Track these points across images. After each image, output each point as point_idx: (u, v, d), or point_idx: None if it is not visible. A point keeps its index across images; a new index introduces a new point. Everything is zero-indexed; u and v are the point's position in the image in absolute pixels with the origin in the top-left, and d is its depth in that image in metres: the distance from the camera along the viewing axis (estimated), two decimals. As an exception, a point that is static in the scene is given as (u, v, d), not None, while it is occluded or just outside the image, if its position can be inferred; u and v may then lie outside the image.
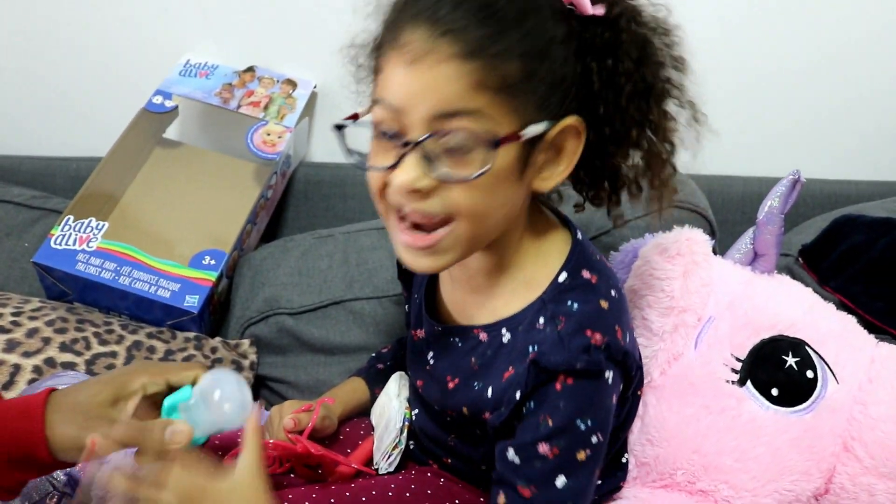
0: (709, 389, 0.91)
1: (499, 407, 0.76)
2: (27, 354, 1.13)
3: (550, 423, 0.72)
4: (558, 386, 0.72)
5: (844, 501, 0.90)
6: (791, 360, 0.91)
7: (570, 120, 0.73)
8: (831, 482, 0.91)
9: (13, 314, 1.19)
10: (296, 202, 1.48)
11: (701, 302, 0.94)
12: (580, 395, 0.73)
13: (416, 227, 0.72)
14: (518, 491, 0.73)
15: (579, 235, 0.82)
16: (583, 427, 0.73)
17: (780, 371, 0.91)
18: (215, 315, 1.27)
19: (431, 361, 0.87)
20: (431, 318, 0.88)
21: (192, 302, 1.18)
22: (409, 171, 0.69)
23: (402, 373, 0.99)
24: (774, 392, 0.90)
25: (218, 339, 1.22)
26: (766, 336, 0.93)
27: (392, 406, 0.94)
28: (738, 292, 0.96)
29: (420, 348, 0.91)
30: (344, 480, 0.89)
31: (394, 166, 0.70)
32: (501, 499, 0.75)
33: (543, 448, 0.72)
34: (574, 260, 0.79)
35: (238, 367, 1.18)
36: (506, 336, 0.79)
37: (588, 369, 0.72)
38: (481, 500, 0.88)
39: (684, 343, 0.93)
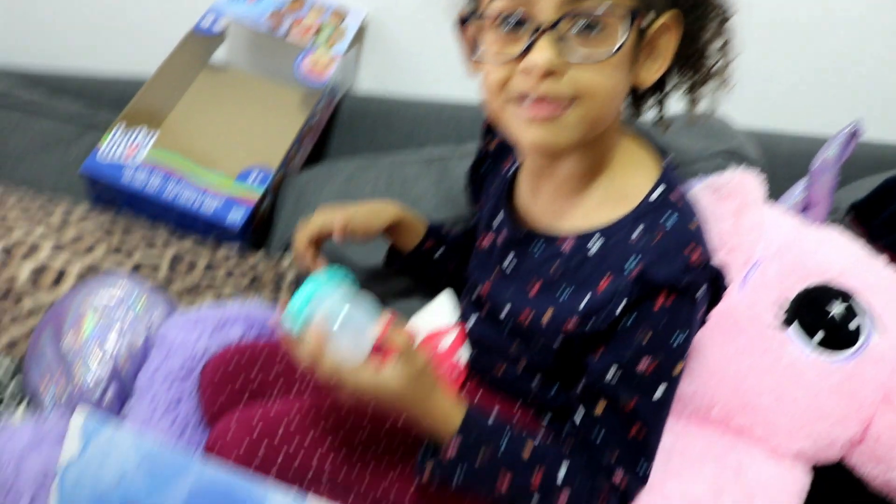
0: (752, 330, 0.90)
1: (592, 317, 0.78)
2: (74, 257, 1.15)
3: (648, 339, 0.75)
4: (659, 303, 0.75)
5: (879, 451, 0.90)
6: (837, 308, 0.90)
7: (670, 13, 0.77)
8: (868, 431, 0.90)
9: (61, 218, 1.20)
10: (340, 132, 1.48)
11: (750, 244, 0.93)
12: (678, 312, 0.76)
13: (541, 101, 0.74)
14: (619, 404, 0.77)
15: (669, 158, 0.84)
16: (676, 343, 0.76)
17: (825, 318, 0.90)
18: (258, 232, 1.28)
19: (511, 265, 0.87)
20: (514, 223, 0.88)
21: (236, 218, 1.19)
22: (545, 52, 0.71)
23: (451, 291, 0.99)
24: (818, 338, 0.90)
25: (260, 254, 1.23)
26: (814, 282, 0.92)
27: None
28: (787, 237, 0.95)
29: (489, 253, 0.91)
30: None
31: (527, 50, 0.72)
32: (599, 409, 0.78)
33: (643, 364, 0.76)
34: (667, 179, 0.81)
35: (278, 285, 1.19)
36: (595, 246, 0.80)
37: (689, 287, 0.75)
38: (515, 412, 0.90)
39: (731, 282, 0.92)
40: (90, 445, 0.81)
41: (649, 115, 0.90)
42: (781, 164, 1.38)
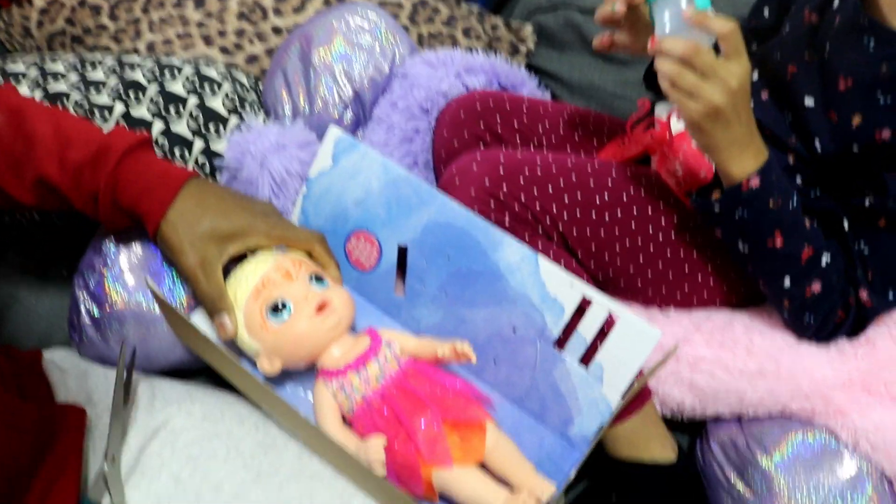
0: None
1: None
2: (320, -14, 1.15)
3: None
4: None
5: None
6: None
7: None
8: None
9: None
10: None
11: None
12: None
13: None
14: None
15: None
16: None
17: None
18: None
19: (831, 53, 0.81)
20: (862, 7, 0.80)
21: (487, -30, 1.16)
22: None
23: None
24: None
25: (500, 18, 1.21)
26: None
27: None
28: None
29: (808, 35, 0.85)
30: None
31: None
32: (877, 225, 0.77)
33: None
34: None
35: (514, 51, 1.17)
36: None
37: None
38: None
39: None
40: (340, 162, 0.84)
41: None
42: None
